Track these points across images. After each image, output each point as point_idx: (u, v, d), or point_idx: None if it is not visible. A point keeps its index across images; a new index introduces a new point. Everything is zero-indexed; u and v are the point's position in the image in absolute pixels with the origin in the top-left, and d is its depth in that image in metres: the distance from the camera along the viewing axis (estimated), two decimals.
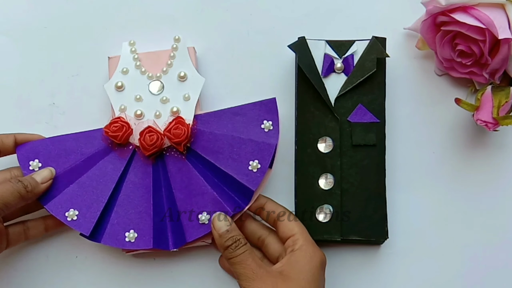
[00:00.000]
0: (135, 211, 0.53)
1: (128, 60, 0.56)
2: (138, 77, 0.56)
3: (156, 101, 0.55)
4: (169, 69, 0.56)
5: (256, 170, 0.53)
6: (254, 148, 0.53)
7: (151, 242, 0.52)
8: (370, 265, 0.57)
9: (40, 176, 0.52)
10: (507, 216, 0.57)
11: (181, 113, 0.55)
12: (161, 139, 0.53)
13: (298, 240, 0.50)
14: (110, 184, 0.53)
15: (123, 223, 0.53)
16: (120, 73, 0.56)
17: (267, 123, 0.54)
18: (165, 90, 0.55)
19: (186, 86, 0.55)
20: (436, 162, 0.58)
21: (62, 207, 0.52)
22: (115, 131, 0.53)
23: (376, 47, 0.55)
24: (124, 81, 0.55)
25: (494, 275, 0.57)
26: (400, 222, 0.57)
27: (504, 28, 0.51)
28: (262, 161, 0.53)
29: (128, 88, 0.55)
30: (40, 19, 0.61)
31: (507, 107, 0.54)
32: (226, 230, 0.50)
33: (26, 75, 0.60)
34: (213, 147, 0.53)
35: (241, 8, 0.61)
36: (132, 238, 0.52)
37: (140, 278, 0.57)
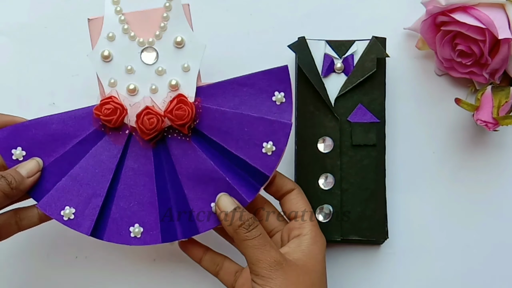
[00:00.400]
0: (138, 203, 0.48)
1: (113, 22, 0.48)
2: (127, 44, 0.48)
3: (150, 73, 0.48)
4: (163, 33, 0.48)
5: (271, 153, 0.47)
6: (267, 127, 0.47)
7: (159, 236, 0.47)
8: (370, 265, 0.57)
9: (25, 169, 0.46)
10: (507, 216, 0.57)
11: (180, 86, 0.48)
12: (162, 121, 0.47)
13: (306, 223, 0.47)
14: (107, 174, 0.47)
15: (126, 216, 0.47)
16: (105, 40, 0.48)
17: (279, 95, 0.48)
18: (160, 59, 0.48)
19: (185, 54, 0.48)
20: (436, 162, 0.58)
21: (57, 206, 0.47)
22: (107, 114, 0.47)
23: (376, 47, 0.55)
24: (112, 49, 0.48)
25: (494, 275, 0.57)
26: (400, 222, 0.57)
27: (504, 28, 0.51)
28: (277, 143, 0.47)
29: (117, 57, 0.48)
30: (40, 19, 0.61)
31: (507, 107, 0.54)
32: (234, 208, 0.45)
33: (26, 75, 0.60)
34: (221, 126, 0.47)
35: (241, 8, 0.61)
36: (138, 234, 0.47)
37: (140, 278, 0.57)
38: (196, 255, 0.51)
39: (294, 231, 0.48)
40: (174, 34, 0.48)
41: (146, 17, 0.48)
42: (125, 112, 0.47)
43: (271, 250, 0.44)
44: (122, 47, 0.48)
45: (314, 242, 0.47)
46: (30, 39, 0.61)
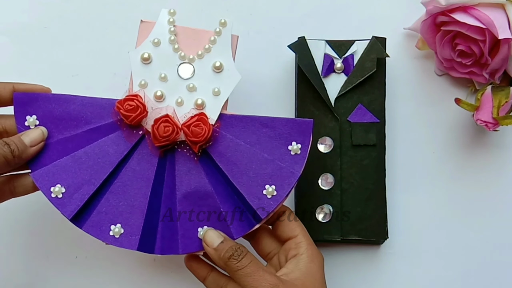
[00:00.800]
0: (128, 204, 0.47)
1: (163, 30, 0.49)
2: (169, 53, 0.49)
3: (182, 86, 0.49)
4: (206, 55, 0.49)
5: (271, 196, 0.47)
6: (274, 171, 0.47)
7: (136, 243, 0.47)
8: (370, 265, 0.57)
9: (29, 137, 0.46)
10: (507, 216, 0.57)
11: (205, 107, 0.48)
12: (177, 132, 0.47)
13: (302, 243, 0.48)
14: (108, 166, 0.47)
15: (111, 213, 0.47)
16: (150, 43, 0.49)
17: (296, 146, 0.48)
18: (195, 77, 0.49)
19: (219, 79, 0.49)
20: (436, 162, 0.58)
21: (50, 180, 0.46)
22: (128, 110, 0.47)
23: (376, 47, 0.55)
24: (153, 53, 0.49)
25: (494, 275, 0.57)
26: (400, 222, 0.57)
27: (504, 28, 0.51)
28: (280, 189, 0.47)
29: (155, 62, 0.49)
30: (40, 19, 0.61)
31: (507, 107, 0.54)
32: (221, 242, 0.46)
33: (26, 75, 0.60)
34: (231, 156, 0.48)
35: (241, 8, 0.61)
36: (117, 234, 0.47)
37: (140, 278, 0.57)
38: (200, 274, 0.50)
39: (291, 252, 0.48)
40: (216, 58, 0.49)
41: (195, 35, 0.50)
42: (145, 113, 0.48)
43: (264, 274, 0.44)
44: (163, 55, 0.49)
45: (311, 260, 0.47)
46: (30, 39, 0.61)
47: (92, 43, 0.60)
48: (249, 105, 0.59)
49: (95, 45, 0.60)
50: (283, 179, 0.47)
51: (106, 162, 0.47)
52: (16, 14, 0.61)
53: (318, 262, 0.47)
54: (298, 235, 0.48)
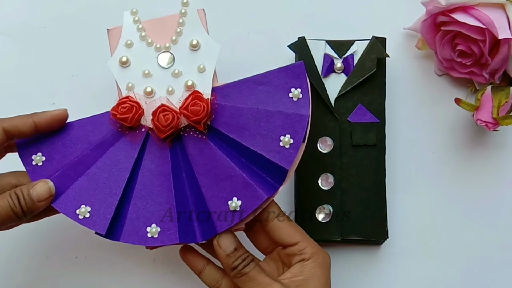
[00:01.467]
0: (155, 203, 0.47)
1: (131, 30, 0.50)
2: (144, 50, 0.50)
3: (167, 75, 0.49)
4: (179, 38, 0.49)
5: (289, 146, 0.46)
6: (284, 121, 0.47)
7: (177, 236, 0.46)
8: (370, 265, 0.57)
9: (37, 193, 0.45)
10: (507, 216, 0.57)
11: (197, 86, 0.48)
12: (177, 118, 0.47)
13: (306, 248, 0.47)
14: (124, 173, 0.47)
15: (143, 217, 0.47)
16: (123, 47, 0.50)
17: (296, 91, 0.47)
18: (176, 62, 0.49)
19: (200, 56, 0.49)
20: (436, 162, 0.58)
21: (72, 204, 0.46)
22: (123, 112, 0.47)
23: (376, 47, 0.55)
24: (129, 55, 0.49)
25: (494, 275, 0.57)
26: (400, 222, 0.57)
27: (504, 28, 0.51)
28: (295, 135, 0.46)
29: (134, 63, 0.49)
30: (40, 19, 0.61)
31: (507, 107, 0.54)
32: (234, 248, 0.46)
33: (26, 75, 0.60)
34: (237, 123, 0.47)
35: (241, 8, 0.61)
36: (155, 234, 0.46)
37: (140, 278, 0.57)
38: (196, 267, 0.50)
39: (295, 258, 0.47)
40: (190, 38, 0.49)
41: (163, 24, 0.50)
42: (141, 111, 0.48)
43: (265, 278, 0.45)
44: (139, 53, 0.49)
45: (317, 265, 0.46)
46: (30, 39, 0.61)
47: (92, 43, 0.60)
48: None
49: (95, 45, 0.60)
50: (295, 125, 0.46)
51: (121, 169, 0.48)
52: (16, 14, 0.61)
53: (324, 265, 0.47)
54: (300, 241, 0.47)
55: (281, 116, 0.47)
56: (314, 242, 0.48)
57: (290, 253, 0.47)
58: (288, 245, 0.47)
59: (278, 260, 0.49)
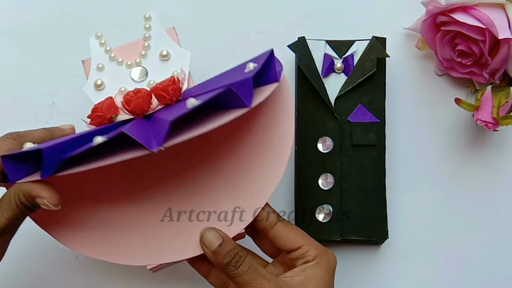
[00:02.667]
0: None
1: (100, 54, 0.51)
2: (116, 69, 0.50)
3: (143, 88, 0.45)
4: (148, 52, 0.51)
5: (254, 68, 0.43)
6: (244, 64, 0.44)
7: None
8: (370, 265, 0.57)
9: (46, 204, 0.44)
10: (507, 216, 0.57)
11: None
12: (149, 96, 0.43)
13: (310, 251, 0.46)
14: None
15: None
16: (95, 71, 0.51)
17: (251, 65, 0.43)
18: (150, 74, 0.50)
19: (172, 64, 0.50)
20: (436, 162, 0.58)
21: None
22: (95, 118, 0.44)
23: (376, 47, 0.55)
24: (103, 77, 0.50)
25: (494, 275, 0.57)
26: (400, 222, 0.57)
27: (504, 28, 0.51)
28: (259, 62, 0.43)
29: (109, 83, 0.50)
30: (40, 19, 0.61)
31: (507, 107, 0.54)
32: (219, 244, 0.43)
33: (26, 75, 0.60)
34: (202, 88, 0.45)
35: (241, 8, 0.61)
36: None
37: (140, 278, 0.57)
38: (203, 270, 0.49)
39: (299, 261, 0.46)
40: (159, 49, 0.50)
41: (131, 47, 0.51)
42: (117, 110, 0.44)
43: (263, 282, 0.43)
44: (112, 73, 0.50)
45: (319, 266, 0.45)
46: (30, 39, 0.61)
47: None
48: None
49: None
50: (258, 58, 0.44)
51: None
52: (16, 14, 0.61)
53: (327, 266, 0.46)
54: (302, 245, 0.46)
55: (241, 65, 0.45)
56: (318, 244, 0.47)
57: (293, 258, 0.47)
58: (292, 250, 0.47)
59: (285, 263, 0.49)
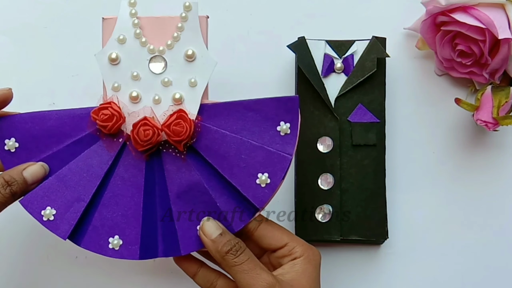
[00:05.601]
0: (122, 214, 0.46)
1: (127, 25, 0.46)
2: (137, 49, 0.46)
3: (156, 82, 0.46)
4: (175, 44, 0.46)
5: (265, 185, 0.44)
6: (265, 158, 0.45)
7: (137, 253, 0.45)
8: (370, 265, 0.57)
9: (32, 176, 0.45)
10: (507, 216, 0.57)
11: (184, 101, 0.46)
12: (158, 134, 0.45)
13: (296, 247, 0.46)
14: (94, 180, 0.46)
15: (107, 226, 0.46)
16: (115, 42, 0.46)
17: (284, 126, 0.45)
18: (168, 70, 0.46)
19: (194, 68, 0.46)
20: (436, 162, 0.58)
21: (38, 204, 0.45)
22: (104, 120, 0.45)
23: (376, 47, 0.55)
24: (120, 52, 0.46)
25: (494, 275, 0.57)
26: (400, 222, 0.57)
27: (504, 28, 0.51)
28: (273, 176, 0.44)
29: (124, 62, 0.46)
30: (40, 19, 0.61)
31: (507, 107, 0.54)
32: (219, 234, 0.44)
33: (26, 75, 0.60)
34: (218, 149, 0.45)
35: (241, 8, 0.61)
36: (116, 246, 0.46)
37: (140, 278, 0.57)
38: (190, 270, 0.49)
39: (285, 258, 0.46)
40: (186, 46, 0.46)
41: (161, 24, 0.46)
42: (122, 120, 0.46)
43: (262, 272, 0.43)
44: (131, 52, 0.46)
45: (308, 261, 0.46)
46: (30, 39, 0.61)
47: (92, 43, 0.60)
48: None
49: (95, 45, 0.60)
50: (275, 165, 0.44)
51: (92, 175, 0.46)
52: (16, 14, 0.61)
53: (315, 261, 0.46)
54: (288, 242, 0.46)
55: (263, 152, 0.45)
56: (303, 241, 0.47)
57: (280, 256, 0.47)
58: (277, 249, 0.47)
59: (268, 263, 0.48)
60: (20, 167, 0.45)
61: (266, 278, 0.43)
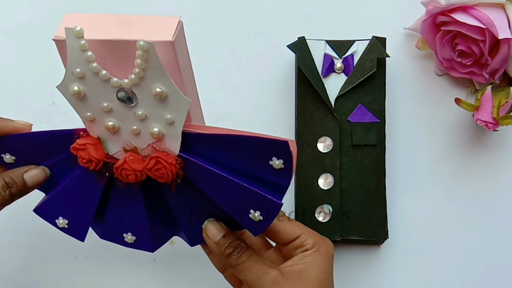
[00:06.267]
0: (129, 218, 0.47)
1: (79, 59, 0.38)
2: (99, 84, 0.39)
3: (130, 115, 0.40)
4: (141, 82, 0.38)
5: (258, 221, 0.43)
6: (256, 200, 0.42)
7: (150, 246, 0.48)
8: (370, 265, 0.57)
9: (32, 179, 0.46)
10: (507, 216, 0.57)
11: (164, 137, 0.41)
12: (142, 175, 0.42)
13: (307, 239, 0.46)
14: (96, 194, 0.46)
15: (118, 226, 0.48)
16: (73, 76, 0.39)
17: (277, 161, 0.41)
18: (139, 103, 0.39)
19: (167, 106, 0.39)
20: (436, 162, 0.58)
21: (52, 214, 0.47)
22: (84, 162, 0.43)
23: (376, 47, 0.55)
24: (82, 86, 0.39)
25: (494, 275, 0.57)
26: (400, 222, 0.57)
27: (504, 28, 0.51)
28: (265, 216, 0.43)
29: (91, 94, 0.40)
30: (40, 19, 0.61)
31: (507, 107, 0.54)
32: (222, 236, 0.45)
33: (26, 75, 0.60)
34: (210, 183, 0.43)
35: (241, 8, 0.61)
36: (130, 240, 0.48)
37: (140, 278, 0.57)
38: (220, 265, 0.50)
39: (297, 250, 0.46)
40: (153, 85, 0.38)
41: (119, 49, 0.38)
42: (102, 162, 0.43)
43: (265, 268, 0.44)
44: (93, 86, 0.39)
45: (319, 253, 0.46)
46: (30, 39, 0.61)
47: None
48: (249, 105, 0.59)
49: None
50: (266, 209, 0.42)
51: (92, 192, 0.46)
52: (16, 14, 0.61)
53: (326, 253, 0.46)
54: (300, 235, 0.46)
55: (255, 196, 0.42)
56: (315, 233, 0.47)
57: (292, 248, 0.47)
58: (290, 241, 0.47)
59: (280, 255, 0.49)
60: (21, 169, 0.46)
61: (269, 272, 0.44)
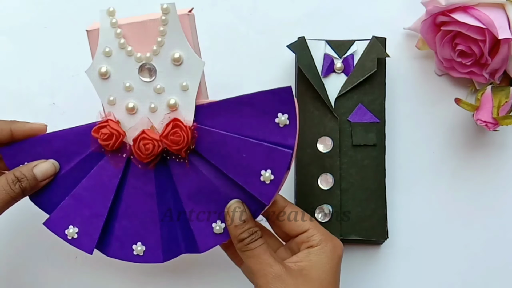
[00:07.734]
0: (140, 222, 0.48)
1: (110, 37, 0.46)
2: (124, 60, 0.46)
3: (149, 91, 0.46)
4: (160, 49, 0.45)
5: (269, 182, 0.44)
6: (266, 155, 0.44)
7: (161, 256, 0.48)
8: (370, 265, 0.57)
9: (42, 173, 0.47)
10: (507, 216, 0.57)
11: (179, 107, 0.46)
12: (158, 146, 0.46)
13: (315, 235, 0.46)
14: (108, 194, 0.48)
15: (128, 235, 0.48)
16: (102, 55, 0.46)
17: (282, 117, 0.44)
18: (158, 76, 0.46)
19: (183, 72, 0.45)
20: (436, 162, 0.58)
21: (61, 224, 0.48)
22: (104, 139, 0.46)
23: (376, 47, 0.55)
24: (109, 66, 0.46)
25: (494, 275, 0.57)
26: (400, 222, 0.57)
27: (504, 28, 0.51)
28: (276, 172, 0.44)
29: (115, 74, 0.46)
30: (40, 19, 0.61)
31: (507, 107, 0.54)
32: (243, 220, 0.45)
33: (26, 75, 0.60)
34: (220, 150, 0.45)
35: (241, 8, 0.61)
36: (140, 252, 0.48)
37: (140, 278, 0.57)
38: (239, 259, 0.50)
39: (303, 245, 0.47)
40: (172, 50, 0.45)
41: (143, 28, 0.45)
42: (122, 136, 0.47)
43: (271, 261, 0.44)
44: (119, 63, 0.46)
45: (323, 252, 0.46)
46: (30, 39, 0.61)
47: None
48: None
49: None
50: (277, 161, 0.44)
51: (105, 190, 0.48)
52: (16, 14, 0.61)
53: (332, 254, 0.46)
54: (309, 229, 0.47)
55: (264, 149, 0.44)
56: (324, 230, 0.47)
57: (299, 241, 0.47)
58: (298, 234, 0.47)
59: (291, 249, 0.49)
60: (31, 164, 0.47)
61: (274, 266, 0.44)
